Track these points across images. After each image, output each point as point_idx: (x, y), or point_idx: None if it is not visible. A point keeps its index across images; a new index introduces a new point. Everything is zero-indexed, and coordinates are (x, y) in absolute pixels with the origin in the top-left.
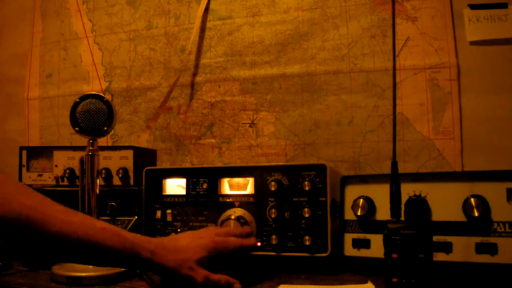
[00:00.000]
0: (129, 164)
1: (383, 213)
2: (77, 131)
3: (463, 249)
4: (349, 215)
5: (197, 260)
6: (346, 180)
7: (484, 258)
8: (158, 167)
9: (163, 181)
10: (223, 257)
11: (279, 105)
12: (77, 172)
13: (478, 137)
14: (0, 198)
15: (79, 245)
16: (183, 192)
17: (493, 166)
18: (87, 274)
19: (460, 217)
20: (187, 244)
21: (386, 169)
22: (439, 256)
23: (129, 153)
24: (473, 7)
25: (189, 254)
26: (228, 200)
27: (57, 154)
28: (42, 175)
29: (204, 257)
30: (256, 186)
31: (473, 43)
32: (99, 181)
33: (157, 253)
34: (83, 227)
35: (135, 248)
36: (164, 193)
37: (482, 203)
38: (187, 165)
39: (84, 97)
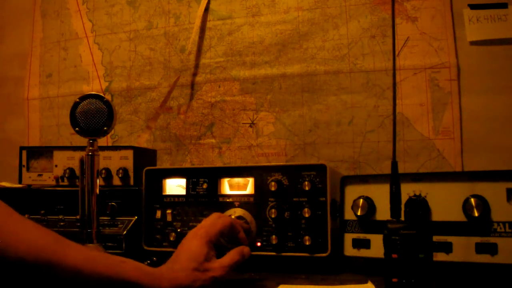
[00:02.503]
0: (129, 164)
1: (383, 213)
2: (77, 131)
3: (463, 249)
4: (349, 215)
5: (203, 257)
6: (346, 180)
7: (484, 258)
8: (158, 167)
9: (163, 181)
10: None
11: (279, 105)
12: (77, 172)
13: (478, 137)
14: (12, 240)
15: (100, 280)
16: (183, 192)
17: (493, 166)
18: None
19: (460, 217)
20: (186, 247)
21: (386, 169)
22: (439, 256)
23: (129, 153)
24: (473, 7)
25: (190, 257)
26: (228, 200)
27: (57, 154)
28: (42, 175)
29: (207, 249)
30: (256, 186)
31: (473, 43)
32: (99, 181)
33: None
34: (103, 260)
35: (156, 281)
36: (164, 193)
37: (482, 203)
38: (187, 165)
39: (84, 97)
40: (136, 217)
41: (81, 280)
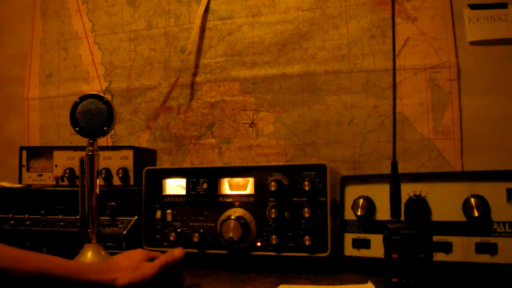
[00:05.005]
0: (129, 164)
1: (383, 213)
2: (77, 131)
3: (463, 249)
4: (349, 215)
5: (138, 262)
6: (346, 180)
7: (484, 258)
8: (158, 167)
9: (163, 181)
10: (220, 257)
11: (279, 105)
12: (77, 172)
13: (478, 137)
14: None
15: (30, 278)
16: (183, 192)
17: (493, 166)
18: None
19: (460, 217)
20: (127, 256)
21: (386, 169)
22: (439, 256)
23: (129, 153)
24: (473, 7)
25: (134, 260)
26: (228, 200)
27: (57, 154)
28: (42, 175)
29: (143, 258)
30: (256, 186)
31: (473, 43)
32: (99, 181)
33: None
34: (31, 259)
35: (82, 273)
36: (164, 193)
37: (482, 203)
38: (187, 165)
39: (84, 97)
40: (136, 217)
41: (11, 279)
